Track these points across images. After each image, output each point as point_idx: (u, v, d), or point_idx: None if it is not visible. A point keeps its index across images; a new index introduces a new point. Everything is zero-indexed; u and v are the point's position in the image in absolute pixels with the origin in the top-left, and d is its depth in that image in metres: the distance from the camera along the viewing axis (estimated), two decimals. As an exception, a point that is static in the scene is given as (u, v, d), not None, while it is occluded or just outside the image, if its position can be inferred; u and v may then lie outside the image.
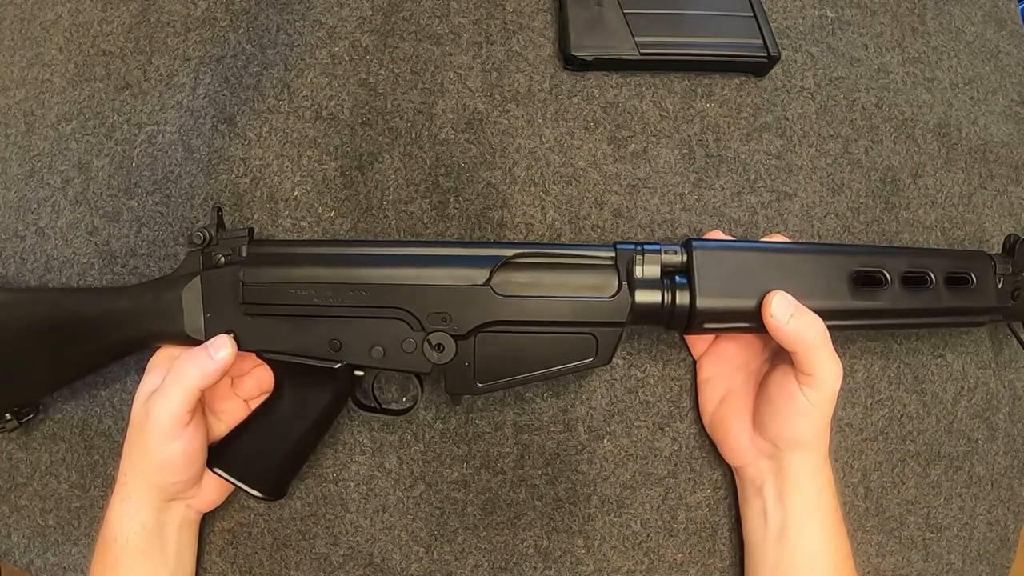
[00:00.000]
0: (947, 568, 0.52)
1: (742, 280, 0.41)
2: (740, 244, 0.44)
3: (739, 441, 0.45)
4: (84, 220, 0.50)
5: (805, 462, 0.43)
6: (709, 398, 0.47)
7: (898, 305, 0.43)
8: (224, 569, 0.47)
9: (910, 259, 0.44)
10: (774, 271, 0.42)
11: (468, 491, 0.48)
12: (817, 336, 0.40)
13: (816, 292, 0.42)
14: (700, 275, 0.41)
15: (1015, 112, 0.59)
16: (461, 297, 0.41)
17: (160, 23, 0.53)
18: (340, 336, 0.41)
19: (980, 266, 0.45)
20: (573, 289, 0.41)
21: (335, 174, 0.50)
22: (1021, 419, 0.54)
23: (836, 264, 0.43)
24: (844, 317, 0.43)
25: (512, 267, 0.41)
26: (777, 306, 0.40)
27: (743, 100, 0.54)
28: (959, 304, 0.44)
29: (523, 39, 0.53)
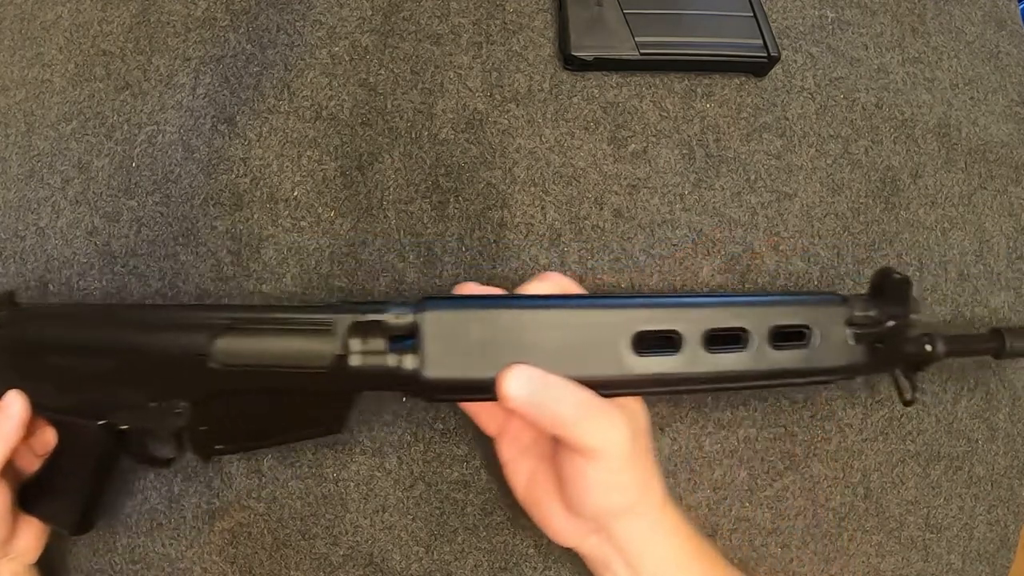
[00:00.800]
0: (947, 568, 0.52)
1: (482, 347, 0.35)
2: (486, 302, 0.37)
3: (558, 523, 0.39)
4: (84, 220, 0.50)
5: (638, 523, 0.38)
6: (515, 481, 0.42)
7: (698, 370, 0.36)
8: (224, 569, 0.47)
9: (717, 312, 0.37)
10: (526, 334, 0.35)
11: (468, 491, 0.48)
12: (569, 412, 0.34)
13: (581, 359, 0.35)
14: (429, 342, 0.35)
15: (1015, 112, 0.59)
16: (183, 365, 0.37)
17: (160, 23, 0.53)
18: (97, 396, 0.40)
19: (825, 316, 0.38)
20: (289, 358, 0.36)
21: (335, 174, 0.50)
22: (1021, 419, 0.54)
23: (613, 322, 0.36)
24: (624, 386, 0.37)
25: (232, 333, 0.37)
26: (512, 384, 0.34)
27: (743, 100, 0.54)
28: (790, 365, 0.37)
29: (523, 39, 0.53)
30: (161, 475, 0.47)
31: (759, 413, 0.50)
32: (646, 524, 0.38)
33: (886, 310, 0.39)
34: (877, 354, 0.39)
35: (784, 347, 0.37)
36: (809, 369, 0.38)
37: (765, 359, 0.37)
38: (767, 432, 0.50)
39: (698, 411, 0.49)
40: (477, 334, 0.35)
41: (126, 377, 0.39)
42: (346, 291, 0.49)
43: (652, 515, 0.38)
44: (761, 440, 0.50)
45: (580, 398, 0.34)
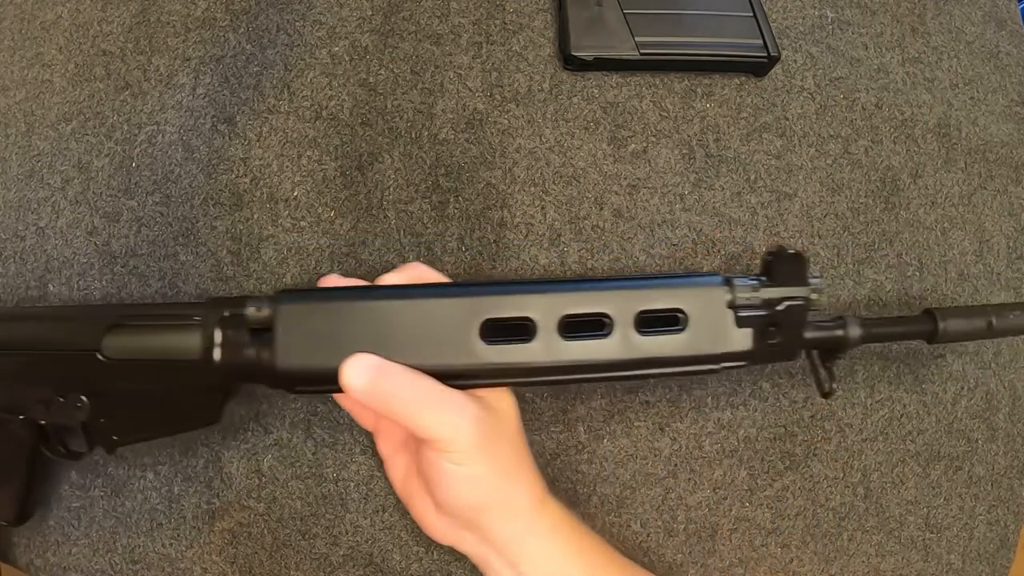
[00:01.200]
0: (947, 568, 0.52)
1: (332, 338, 0.35)
2: (340, 294, 0.37)
3: (431, 520, 0.40)
4: (84, 220, 0.50)
5: (511, 522, 0.37)
6: (392, 478, 0.42)
7: (556, 359, 0.35)
8: (224, 569, 0.47)
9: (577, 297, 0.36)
10: (373, 325, 0.35)
11: (468, 491, 0.48)
12: (410, 400, 0.34)
13: (430, 348, 0.35)
14: (281, 334, 0.36)
15: (1015, 112, 0.59)
16: (77, 362, 0.39)
17: (160, 23, 0.53)
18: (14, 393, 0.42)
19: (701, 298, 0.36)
20: (166, 352, 0.38)
21: (335, 174, 0.50)
22: (1021, 419, 0.54)
23: (461, 312, 0.35)
24: (476, 376, 0.36)
25: (119, 330, 0.39)
26: (350, 374, 0.34)
27: (743, 100, 0.54)
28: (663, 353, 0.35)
29: (523, 39, 0.53)
30: (161, 475, 0.47)
31: (759, 413, 0.50)
32: (521, 523, 0.37)
33: (777, 291, 0.37)
34: (771, 341, 0.37)
35: (653, 333, 0.36)
36: (686, 357, 0.36)
37: (633, 347, 0.35)
38: (767, 432, 0.50)
39: (698, 411, 0.49)
40: (328, 326, 0.36)
41: (32, 374, 0.41)
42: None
43: (525, 513, 0.37)
44: (761, 440, 0.50)
45: (420, 386, 0.34)
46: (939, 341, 0.42)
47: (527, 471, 0.38)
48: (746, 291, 0.37)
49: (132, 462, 0.48)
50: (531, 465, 0.39)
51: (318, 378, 0.36)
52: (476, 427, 0.35)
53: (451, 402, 0.35)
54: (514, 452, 0.38)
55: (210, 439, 0.47)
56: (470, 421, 0.35)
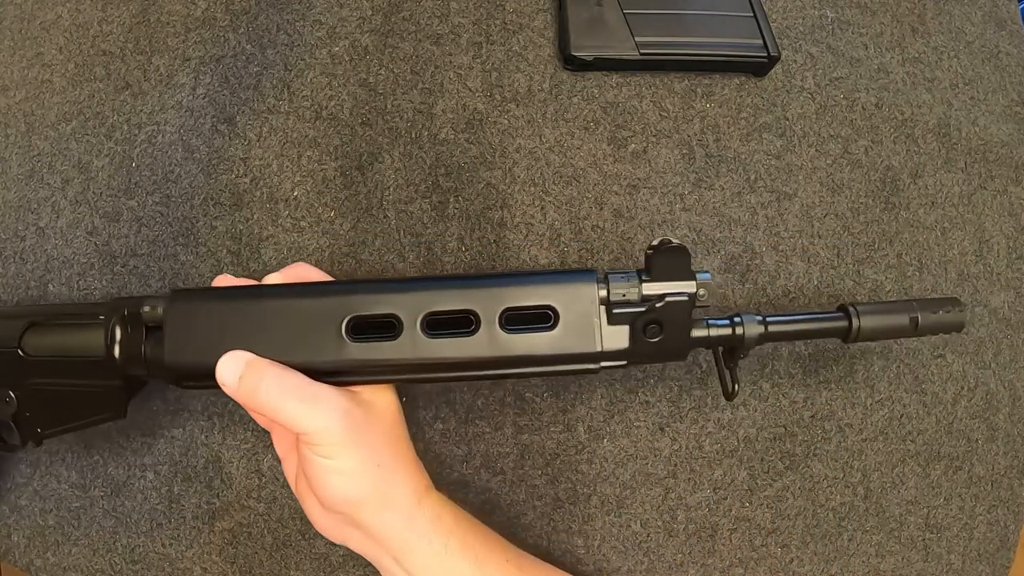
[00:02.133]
0: (947, 568, 0.52)
1: (212, 336, 0.37)
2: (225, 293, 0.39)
3: (318, 516, 0.40)
4: (84, 220, 0.50)
5: (390, 516, 0.37)
6: (289, 476, 0.42)
7: (419, 356, 0.36)
8: (224, 569, 0.47)
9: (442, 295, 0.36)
10: (252, 323, 0.37)
11: (468, 491, 0.48)
12: (278, 395, 0.35)
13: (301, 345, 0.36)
14: (170, 331, 0.37)
15: (1015, 112, 0.59)
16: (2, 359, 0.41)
17: (160, 23, 0.53)
18: None
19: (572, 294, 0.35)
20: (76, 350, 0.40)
21: (335, 174, 0.50)
22: (1021, 419, 0.54)
23: (330, 309, 0.36)
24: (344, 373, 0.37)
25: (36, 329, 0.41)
26: (222, 369, 0.36)
27: (743, 100, 0.54)
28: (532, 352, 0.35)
29: (523, 39, 0.53)
30: (161, 475, 0.47)
31: (759, 413, 0.50)
32: (400, 517, 0.37)
33: (657, 286, 0.35)
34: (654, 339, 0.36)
35: (520, 331, 0.35)
36: (556, 356, 0.36)
37: (500, 345, 0.35)
38: (767, 432, 0.50)
39: (698, 411, 0.49)
40: (212, 324, 0.37)
41: None
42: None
43: (405, 507, 0.38)
44: (761, 440, 0.50)
45: (287, 382, 0.35)
46: (853, 340, 0.40)
47: (405, 464, 0.39)
48: (622, 287, 0.35)
49: (132, 462, 0.48)
50: (411, 458, 0.39)
51: (202, 373, 0.37)
52: (344, 420, 0.35)
53: (318, 396, 0.35)
54: (391, 447, 0.38)
55: (210, 439, 0.47)
56: (337, 414, 0.35)
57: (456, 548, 0.38)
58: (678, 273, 0.36)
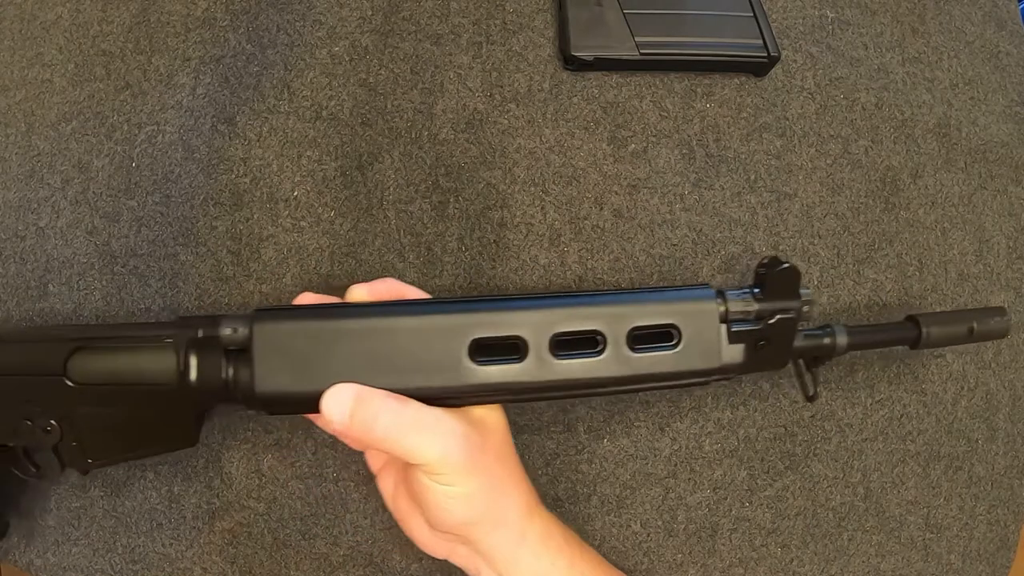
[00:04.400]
0: (947, 568, 0.52)
1: (311, 360, 0.34)
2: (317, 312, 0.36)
3: (425, 536, 0.39)
4: (84, 220, 0.50)
5: (501, 535, 0.36)
6: (384, 493, 0.42)
7: (547, 377, 0.34)
8: (224, 569, 0.47)
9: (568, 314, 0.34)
10: (355, 346, 0.34)
11: (468, 491, 0.48)
12: (391, 428, 0.33)
13: (414, 369, 0.34)
14: (260, 356, 0.34)
15: (1015, 112, 0.59)
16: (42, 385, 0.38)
17: (160, 23, 0.53)
18: None
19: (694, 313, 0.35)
20: (138, 375, 0.37)
21: (335, 174, 0.50)
22: (1021, 419, 0.54)
23: (448, 331, 0.34)
24: (463, 396, 0.35)
25: (84, 352, 0.37)
26: (330, 406, 0.33)
27: (743, 100, 0.54)
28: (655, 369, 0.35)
29: (523, 39, 0.53)
30: (161, 475, 0.47)
31: (759, 413, 0.50)
32: (511, 535, 0.37)
33: (770, 304, 0.36)
34: (761, 352, 0.36)
35: (647, 350, 0.35)
36: (678, 372, 0.35)
37: (625, 364, 0.34)
38: (767, 432, 0.50)
39: (698, 411, 0.49)
40: (306, 347, 0.34)
41: None
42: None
43: (514, 525, 0.37)
44: (761, 440, 0.50)
45: (401, 412, 0.33)
46: (922, 347, 0.43)
47: (517, 482, 0.38)
48: (739, 305, 0.36)
49: (132, 462, 0.48)
50: (521, 475, 0.38)
51: (298, 402, 0.35)
52: (463, 447, 0.34)
53: (436, 425, 0.34)
54: (502, 465, 0.37)
55: (210, 439, 0.47)
56: (457, 442, 0.34)
57: (563, 567, 0.37)
58: (788, 291, 0.36)
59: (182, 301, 0.49)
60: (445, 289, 0.49)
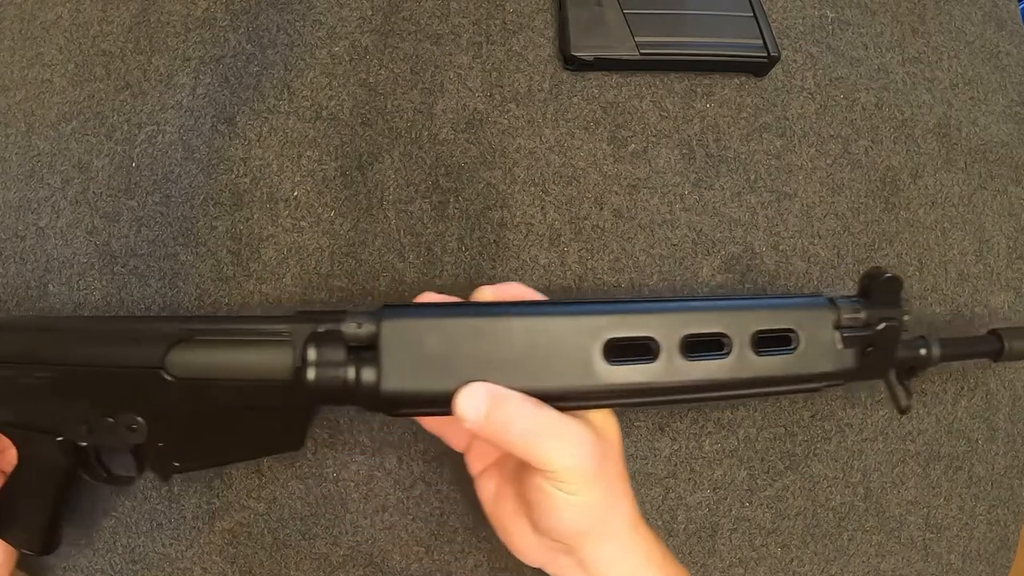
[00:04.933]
0: (947, 568, 0.52)
1: (441, 359, 0.33)
2: (445, 311, 0.35)
3: (525, 543, 0.38)
4: (84, 220, 0.50)
5: (609, 546, 0.36)
6: (483, 498, 0.40)
7: (676, 379, 0.34)
8: (224, 569, 0.47)
9: (695, 317, 0.35)
10: (485, 345, 0.33)
11: (468, 491, 0.48)
12: (527, 431, 0.32)
13: (547, 370, 0.33)
14: (387, 353, 0.33)
15: (1015, 112, 0.59)
16: (136, 379, 0.36)
17: (160, 23, 0.53)
18: (53, 411, 0.38)
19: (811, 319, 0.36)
20: (247, 370, 0.35)
21: (335, 174, 0.50)
22: (1021, 419, 0.54)
23: (581, 331, 0.34)
24: (593, 398, 0.34)
25: (188, 345, 0.36)
26: (465, 403, 0.32)
27: (743, 100, 0.54)
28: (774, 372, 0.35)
29: (523, 39, 0.53)
30: (161, 475, 0.47)
31: (759, 413, 0.50)
32: (616, 547, 0.36)
33: (876, 312, 0.37)
34: (868, 359, 0.37)
35: (768, 353, 0.35)
36: (794, 376, 0.36)
37: (748, 366, 0.35)
38: (767, 432, 0.50)
39: (698, 411, 0.49)
40: (437, 345, 0.33)
41: (77, 391, 0.37)
42: (346, 291, 0.49)
43: (622, 537, 0.36)
44: (761, 440, 0.50)
45: (538, 417, 0.33)
46: (1004, 359, 0.44)
47: (625, 492, 0.37)
48: (849, 312, 0.36)
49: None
50: (629, 488, 0.37)
51: (426, 402, 0.34)
52: (592, 456, 0.33)
53: (570, 432, 0.33)
54: (618, 476, 0.36)
55: (210, 439, 0.47)
56: (587, 451, 0.33)
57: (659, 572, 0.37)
58: (891, 299, 0.37)
59: (182, 301, 0.49)
60: (445, 289, 0.49)
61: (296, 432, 0.37)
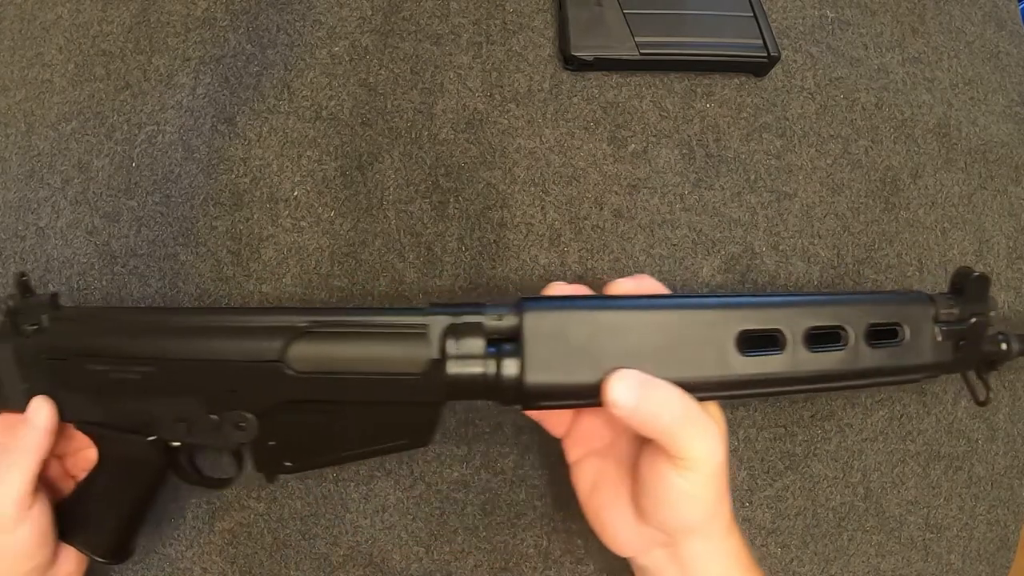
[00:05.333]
0: (947, 568, 0.52)
1: (586, 349, 0.33)
2: (585, 303, 0.35)
3: (623, 532, 0.38)
4: (84, 220, 0.50)
5: (706, 544, 0.36)
6: (580, 485, 0.40)
7: (800, 369, 0.36)
8: (224, 569, 0.47)
9: (818, 311, 0.36)
10: (630, 336, 0.34)
11: (468, 491, 0.48)
12: (676, 418, 0.33)
13: (687, 361, 0.34)
14: (531, 345, 0.33)
15: (1015, 112, 0.59)
16: (251, 374, 0.35)
17: (160, 23, 0.53)
18: (146, 410, 0.38)
19: (915, 313, 0.37)
20: (377, 364, 0.34)
21: (335, 174, 0.50)
22: (1021, 419, 0.54)
23: (716, 323, 0.35)
24: (726, 388, 0.35)
25: (309, 338, 0.35)
26: (618, 390, 0.32)
27: (743, 100, 0.54)
28: (883, 364, 0.37)
29: (523, 39, 0.53)
30: (161, 475, 0.47)
31: (759, 413, 0.50)
32: (712, 545, 0.36)
33: (967, 307, 0.38)
34: (960, 351, 0.38)
35: (879, 345, 0.37)
36: (900, 367, 0.37)
37: (861, 357, 0.36)
38: (767, 432, 0.50)
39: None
40: (579, 337, 0.34)
41: (180, 388, 0.37)
42: (346, 291, 0.49)
43: (718, 537, 0.36)
44: (761, 440, 0.50)
45: (684, 405, 0.33)
46: None
47: (728, 494, 0.37)
48: (945, 307, 0.38)
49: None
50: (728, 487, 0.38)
51: (569, 394, 0.34)
52: (722, 451, 0.34)
53: (706, 423, 0.33)
54: (726, 476, 0.36)
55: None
56: (719, 445, 0.34)
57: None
58: (980, 296, 0.39)
59: (182, 301, 0.49)
60: (445, 290, 0.49)
61: (425, 428, 0.36)
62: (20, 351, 0.38)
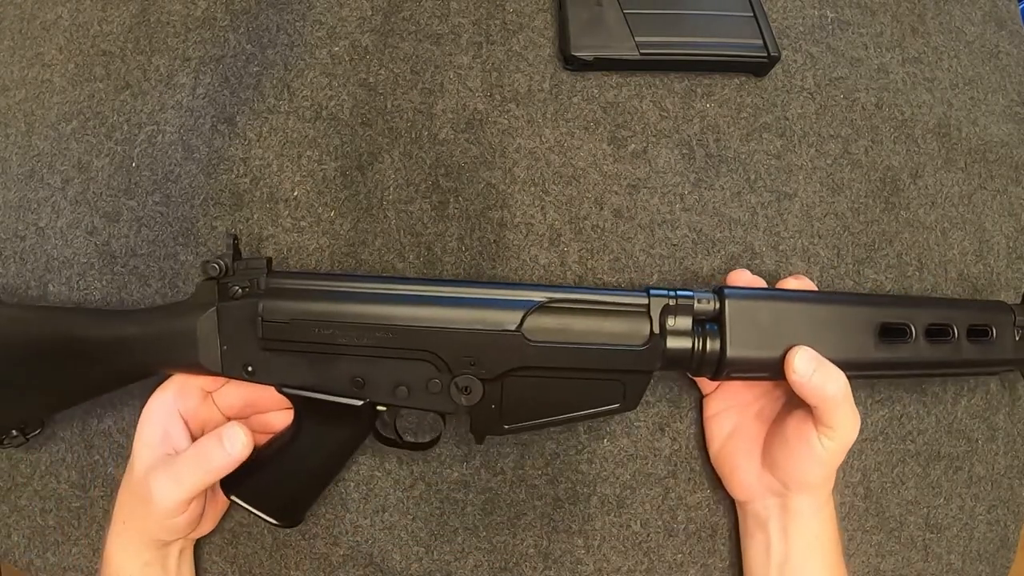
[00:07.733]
0: (947, 568, 0.52)
1: (770, 331, 0.42)
2: (769, 293, 0.44)
3: (746, 477, 0.45)
4: (84, 220, 0.50)
5: (811, 501, 0.44)
6: (716, 434, 0.47)
7: (921, 357, 0.43)
8: (224, 569, 0.47)
9: (935, 311, 0.44)
10: (802, 323, 0.42)
11: (468, 491, 0.48)
12: (839, 392, 0.40)
13: (841, 345, 0.42)
14: (732, 326, 0.41)
15: (1015, 112, 0.59)
16: (491, 342, 0.40)
17: (160, 23, 0.53)
18: (363, 374, 0.41)
19: (1001, 318, 0.45)
20: (604, 336, 0.41)
21: (335, 174, 0.50)
22: (1021, 419, 0.54)
23: (864, 316, 0.43)
24: (867, 369, 0.43)
25: (544, 312, 0.41)
26: (800, 362, 0.40)
27: (743, 100, 0.54)
28: (978, 357, 0.45)
29: (523, 39, 0.53)
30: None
31: (759, 413, 0.50)
32: (816, 505, 0.44)
33: None
34: None
35: (975, 342, 0.45)
36: (988, 360, 0.45)
37: (961, 350, 0.44)
38: (767, 432, 0.50)
39: (698, 411, 0.49)
40: (765, 320, 0.42)
41: (415, 353, 0.40)
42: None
43: (822, 500, 0.44)
44: (761, 440, 0.50)
45: (844, 383, 0.40)
46: None
47: None
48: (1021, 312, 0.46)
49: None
50: None
51: (757, 366, 0.42)
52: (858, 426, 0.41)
53: (852, 400, 0.41)
54: None
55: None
56: (858, 420, 0.41)
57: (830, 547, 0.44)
58: None
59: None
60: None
61: (634, 394, 0.42)
62: (224, 315, 0.41)
